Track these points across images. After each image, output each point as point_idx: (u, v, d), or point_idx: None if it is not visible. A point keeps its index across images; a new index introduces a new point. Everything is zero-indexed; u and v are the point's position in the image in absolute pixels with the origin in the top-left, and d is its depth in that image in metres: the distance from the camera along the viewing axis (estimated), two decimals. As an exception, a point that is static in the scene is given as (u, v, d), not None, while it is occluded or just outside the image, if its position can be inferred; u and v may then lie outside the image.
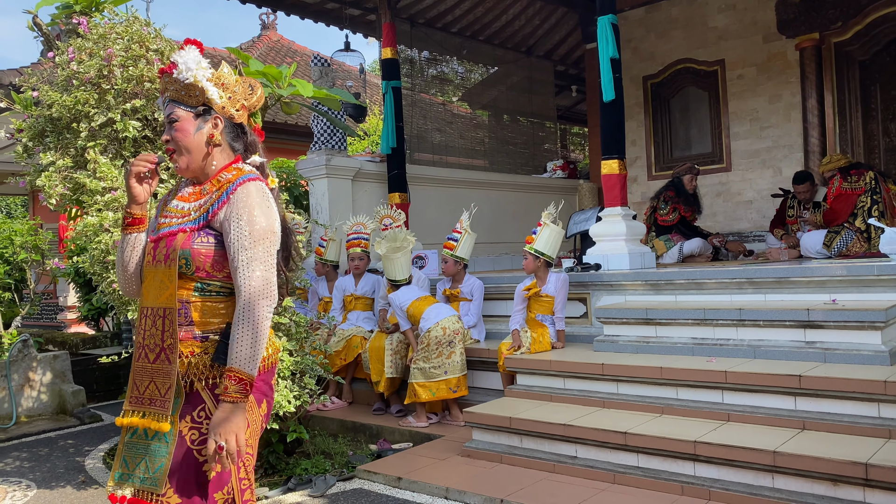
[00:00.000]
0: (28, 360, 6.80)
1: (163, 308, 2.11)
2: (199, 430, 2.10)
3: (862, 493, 3.22)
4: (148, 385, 2.13)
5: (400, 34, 8.74)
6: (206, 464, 2.07)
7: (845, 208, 6.15)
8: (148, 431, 2.10)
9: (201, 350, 2.11)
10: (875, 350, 3.97)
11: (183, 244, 2.11)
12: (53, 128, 4.66)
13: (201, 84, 2.17)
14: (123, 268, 2.28)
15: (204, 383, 2.12)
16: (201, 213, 2.15)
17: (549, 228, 5.32)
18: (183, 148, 2.18)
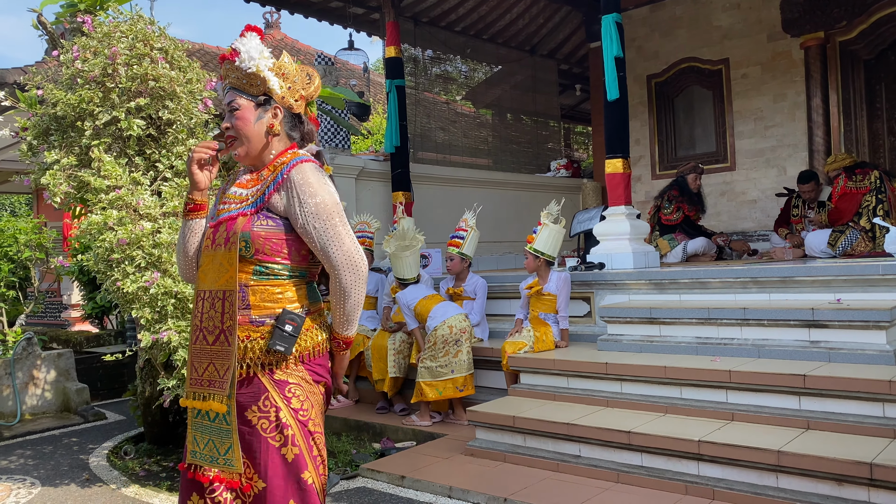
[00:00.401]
0: (32, 358, 6.81)
1: (222, 290, 2.14)
2: (267, 418, 2.14)
3: (867, 492, 3.21)
4: (207, 367, 2.17)
5: (404, 33, 8.74)
6: (284, 448, 2.13)
7: (850, 207, 6.13)
8: (210, 413, 2.15)
9: (257, 335, 2.14)
10: (880, 350, 3.96)
11: (243, 227, 2.14)
12: (58, 126, 4.67)
13: (263, 74, 2.20)
14: (184, 253, 2.33)
15: (261, 368, 2.15)
16: (258, 196, 2.19)
17: (549, 228, 5.32)
18: (243, 136, 2.22)
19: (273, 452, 2.13)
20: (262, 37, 2.25)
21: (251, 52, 2.19)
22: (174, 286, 3.94)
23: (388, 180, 7.95)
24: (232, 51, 2.21)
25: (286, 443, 2.13)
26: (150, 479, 4.68)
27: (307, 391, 2.19)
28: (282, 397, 2.15)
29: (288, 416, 2.14)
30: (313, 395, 2.21)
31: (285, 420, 2.14)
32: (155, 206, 4.25)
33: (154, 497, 4.32)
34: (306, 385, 2.19)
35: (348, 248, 2.14)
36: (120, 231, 4.03)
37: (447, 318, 5.38)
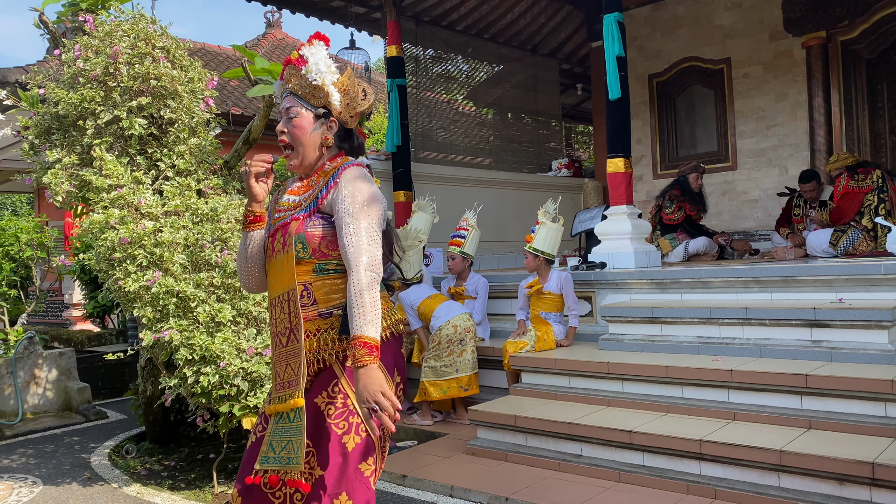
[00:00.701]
0: (34, 357, 6.82)
1: (286, 291, 2.20)
2: (333, 404, 2.18)
3: (868, 492, 3.21)
4: (285, 369, 2.21)
5: (405, 32, 8.73)
6: (346, 435, 2.14)
7: (852, 206, 6.12)
8: (290, 414, 2.16)
9: (327, 326, 2.20)
10: (882, 349, 3.96)
11: (297, 229, 2.20)
12: (59, 125, 4.67)
13: (327, 88, 2.25)
14: (245, 263, 2.38)
15: (335, 357, 2.20)
16: (310, 201, 2.25)
17: (547, 226, 5.32)
18: (299, 144, 2.28)
19: (335, 440, 2.15)
20: (328, 45, 2.31)
21: (319, 65, 2.24)
22: (175, 285, 3.95)
23: (389, 179, 7.94)
24: (299, 57, 2.25)
25: (349, 430, 2.15)
26: (152, 478, 4.68)
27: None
28: (350, 385, 2.17)
29: (356, 405, 2.15)
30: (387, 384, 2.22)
31: (352, 407, 2.16)
32: (156, 205, 4.26)
33: (156, 496, 4.32)
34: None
35: (368, 250, 2.12)
36: (121, 230, 4.03)
37: (452, 317, 5.37)
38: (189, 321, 3.97)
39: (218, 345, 3.82)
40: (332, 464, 2.13)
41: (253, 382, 3.89)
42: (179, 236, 4.09)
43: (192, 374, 3.88)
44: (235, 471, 4.67)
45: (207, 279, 4.03)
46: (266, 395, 3.81)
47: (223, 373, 3.81)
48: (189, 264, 4.10)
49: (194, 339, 3.85)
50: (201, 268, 4.14)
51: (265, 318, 4.11)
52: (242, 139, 5.09)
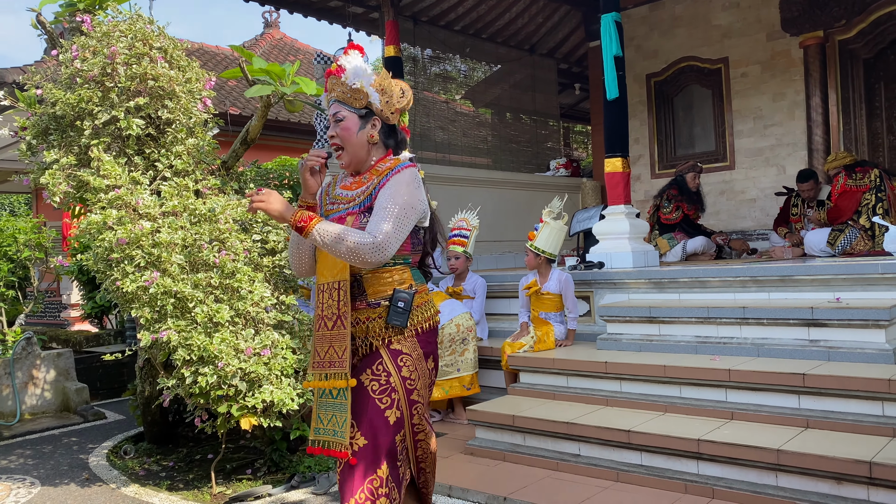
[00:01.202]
0: (32, 357, 6.81)
1: (337, 281, 2.43)
2: (378, 381, 2.43)
3: (866, 491, 3.21)
4: (327, 350, 2.45)
5: (403, 32, 8.73)
6: (388, 410, 2.41)
7: (850, 205, 6.13)
8: (333, 391, 2.42)
9: (375, 315, 2.45)
10: (879, 348, 3.96)
11: (353, 224, 2.44)
12: (57, 126, 4.66)
13: (366, 90, 2.50)
14: (297, 250, 2.58)
15: (381, 342, 2.46)
16: (365, 197, 2.48)
17: (550, 226, 5.31)
18: (347, 144, 2.52)
19: (378, 413, 2.40)
20: (363, 54, 2.57)
21: (357, 71, 2.50)
22: (173, 285, 3.94)
23: (387, 179, 7.91)
24: (338, 67, 2.52)
25: (391, 405, 2.42)
26: (150, 479, 4.68)
27: (416, 363, 2.47)
28: (394, 365, 2.44)
29: (397, 382, 2.43)
30: (421, 367, 2.49)
31: (394, 384, 2.43)
32: (154, 206, 4.25)
33: (154, 496, 4.32)
34: (416, 356, 2.48)
35: (385, 230, 2.32)
36: (119, 230, 4.03)
37: (454, 316, 5.38)
38: (187, 321, 3.97)
39: (216, 345, 3.82)
40: (374, 435, 2.38)
41: (251, 383, 3.89)
42: (177, 237, 4.08)
43: (190, 374, 3.88)
44: (234, 471, 4.67)
45: (205, 279, 4.03)
46: (265, 393, 3.84)
47: (221, 373, 3.81)
48: (187, 265, 4.10)
49: (192, 340, 3.85)
50: (199, 268, 4.13)
51: (263, 318, 4.11)
52: (240, 139, 5.08)
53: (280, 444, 4.61)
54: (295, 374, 4.10)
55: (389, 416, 2.40)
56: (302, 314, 4.39)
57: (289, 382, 3.98)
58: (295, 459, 4.67)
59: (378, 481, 2.37)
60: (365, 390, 2.42)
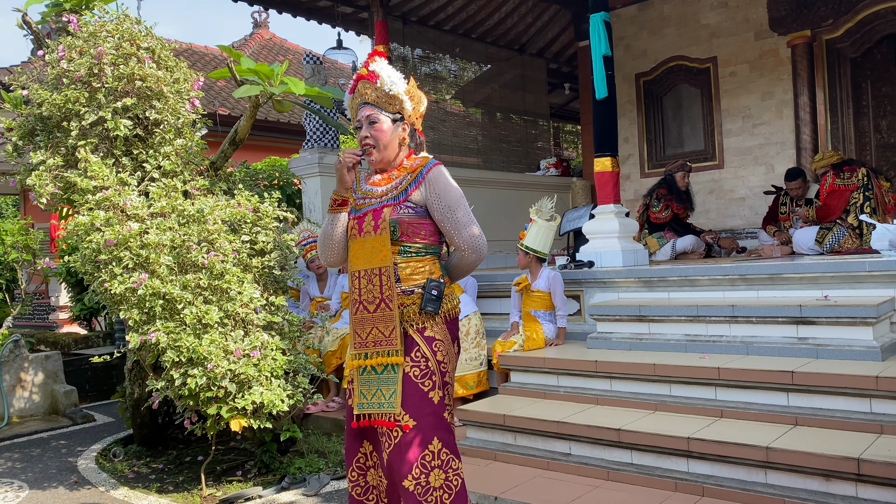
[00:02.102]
0: (19, 360, 6.76)
1: (378, 268, 2.65)
2: (419, 367, 2.63)
3: (854, 488, 3.23)
4: (370, 331, 2.66)
5: (392, 32, 8.73)
6: (431, 391, 2.62)
7: (839, 204, 6.17)
8: (377, 367, 2.64)
9: (409, 301, 2.65)
10: (867, 346, 3.99)
11: (391, 215, 2.65)
12: (44, 126, 4.63)
13: (401, 97, 2.73)
14: (331, 240, 2.80)
15: (415, 328, 2.65)
16: (400, 191, 2.71)
17: (538, 224, 5.32)
18: (381, 145, 2.72)
19: (422, 395, 2.60)
20: (386, 59, 2.78)
21: (392, 78, 2.71)
22: (162, 287, 3.92)
23: (377, 180, 7.91)
24: (370, 72, 2.71)
25: (433, 387, 2.62)
26: (140, 481, 4.66)
27: (447, 347, 2.69)
28: (430, 350, 2.64)
29: (434, 366, 2.64)
30: (450, 351, 2.71)
31: (433, 368, 2.63)
32: (142, 207, 4.23)
33: (143, 499, 4.30)
34: (447, 341, 2.70)
35: (472, 232, 2.72)
36: (107, 232, 4.00)
37: (474, 310, 5.43)
38: (176, 323, 3.95)
39: (205, 347, 3.80)
40: (422, 414, 2.58)
41: (241, 384, 3.88)
42: (166, 238, 4.06)
43: (179, 376, 3.86)
44: (224, 473, 4.65)
45: (194, 281, 4.01)
46: (255, 394, 3.83)
47: (210, 375, 3.79)
48: (175, 266, 4.08)
49: (181, 341, 3.83)
50: (188, 269, 4.11)
51: (252, 319, 4.09)
52: (229, 140, 5.06)
53: (270, 445, 4.59)
54: (285, 375, 4.09)
55: (433, 397, 2.61)
56: (292, 315, 4.37)
57: (279, 384, 3.96)
58: (285, 461, 4.66)
59: (430, 455, 2.57)
60: (408, 376, 2.60)
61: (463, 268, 2.83)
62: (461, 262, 2.80)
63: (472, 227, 2.74)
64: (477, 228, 2.76)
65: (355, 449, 2.78)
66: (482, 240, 2.77)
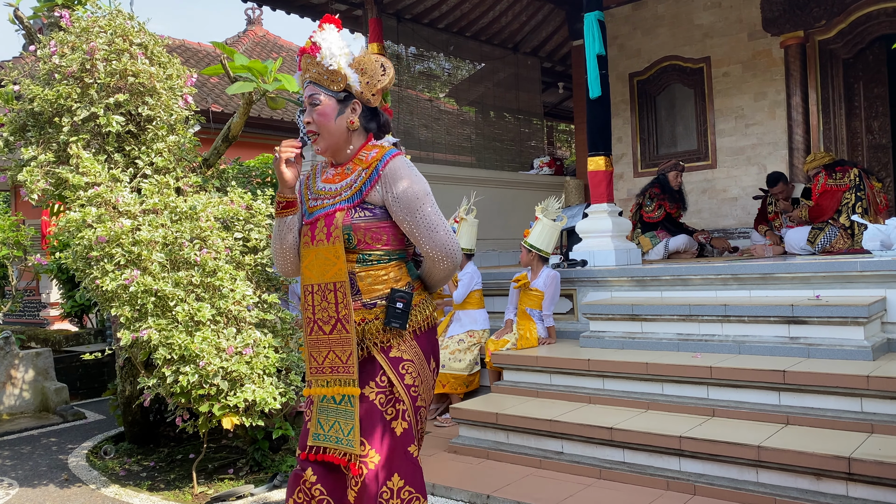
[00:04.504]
0: (10, 357, 6.72)
1: (332, 282, 2.27)
2: (384, 393, 2.29)
3: (845, 486, 3.25)
4: (327, 355, 2.31)
5: (386, 30, 8.71)
6: (394, 421, 2.28)
7: (831, 204, 6.20)
8: (336, 397, 2.28)
9: (371, 316, 2.29)
10: (858, 345, 4.01)
11: (344, 221, 2.26)
12: (35, 122, 4.61)
13: (344, 71, 2.28)
14: (281, 249, 2.43)
15: (378, 347, 2.30)
16: (355, 192, 2.30)
17: (542, 223, 5.34)
18: (325, 131, 2.32)
19: (385, 425, 2.28)
20: (339, 28, 2.31)
21: (332, 49, 2.26)
22: (154, 284, 3.91)
23: (370, 177, 7.90)
24: (312, 45, 2.27)
25: (397, 416, 2.29)
26: (131, 479, 4.64)
27: (419, 367, 2.33)
28: (396, 374, 2.29)
29: (401, 392, 2.29)
30: (423, 372, 2.35)
31: (399, 395, 2.29)
32: (134, 204, 4.21)
33: (134, 497, 4.28)
34: (418, 361, 2.34)
35: (440, 236, 2.29)
36: (99, 228, 3.98)
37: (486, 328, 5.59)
38: (168, 320, 3.93)
39: (197, 344, 3.79)
40: (384, 448, 2.27)
41: (233, 382, 3.86)
42: (158, 235, 4.05)
43: (171, 373, 3.84)
44: (215, 471, 4.64)
45: (186, 278, 4.00)
46: (247, 392, 3.81)
47: (202, 372, 3.78)
48: (168, 263, 4.06)
49: (173, 339, 3.81)
50: (180, 266, 4.10)
51: (245, 317, 4.08)
52: (222, 136, 5.05)
53: (262, 443, 4.58)
54: (277, 373, 4.08)
55: (396, 428, 2.29)
56: (284, 312, 4.36)
57: (271, 381, 3.95)
58: (277, 459, 4.65)
59: (388, 493, 2.27)
60: (372, 404, 2.28)
61: (436, 278, 2.40)
62: (432, 271, 2.37)
63: (440, 229, 2.29)
64: (446, 229, 2.31)
65: (299, 474, 2.39)
66: (453, 243, 2.33)
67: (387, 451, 2.27)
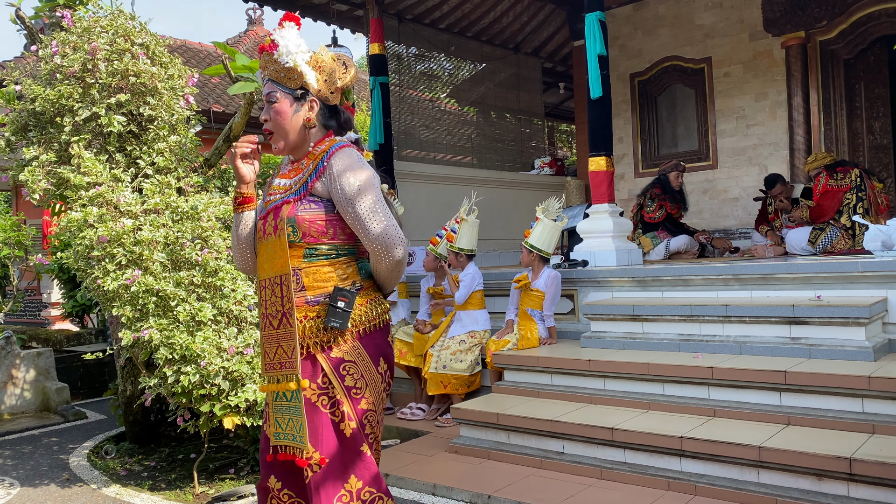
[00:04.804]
0: (11, 357, 6.73)
1: (279, 276, 2.24)
2: (326, 394, 2.24)
3: (846, 487, 3.25)
4: (276, 350, 2.27)
5: (387, 30, 8.71)
6: (342, 423, 2.23)
7: (832, 205, 6.19)
8: (287, 394, 2.24)
9: (313, 314, 2.24)
10: (859, 346, 4.00)
11: (288, 213, 2.23)
12: (37, 122, 4.61)
13: (301, 69, 2.26)
14: (238, 245, 2.43)
15: (319, 347, 2.24)
16: (301, 184, 2.28)
17: (543, 223, 5.34)
18: (281, 129, 2.30)
19: (332, 428, 2.23)
20: (299, 27, 2.31)
21: (289, 46, 2.25)
22: (155, 284, 3.91)
23: (371, 178, 7.91)
24: (271, 42, 2.27)
25: (343, 418, 2.23)
26: (132, 479, 4.64)
27: (362, 369, 2.27)
28: (336, 375, 2.23)
29: (341, 394, 2.23)
30: (369, 374, 2.28)
31: (339, 397, 2.23)
32: (136, 203, 4.22)
33: (135, 497, 4.28)
34: (362, 363, 2.27)
35: (379, 228, 2.21)
36: (100, 228, 3.99)
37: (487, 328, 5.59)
38: (169, 320, 3.94)
39: (198, 344, 3.79)
40: (335, 451, 2.22)
41: (234, 382, 3.87)
42: (159, 235, 4.05)
43: (172, 373, 3.84)
44: (216, 470, 4.64)
45: (187, 278, 4.00)
46: (248, 392, 3.82)
47: (204, 372, 3.78)
48: (169, 263, 4.06)
49: (174, 339, 3.82)
50: (181, 266, 4.10)
51: (246, 317, 4.08)
52: (223, 136, 5.05)
53: (263, 443, 4.58)
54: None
55: (344, 430, 2.23)
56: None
57: (272, 381, 3.95)
58: (278, 458, 4.64)
59: (348, 496, 2.22)
60: (315, 406, 2.23)
61: (382, 275, 2.31)
62: (376, 268, 2.29)
63: (379, 221, 2.21)
64: (386, 223, 2.22)
65: (265, 486, 2.36)
66: (395, 236, 2.23)
67: (337, 454, 2.23)
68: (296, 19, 2.31)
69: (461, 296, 5.55)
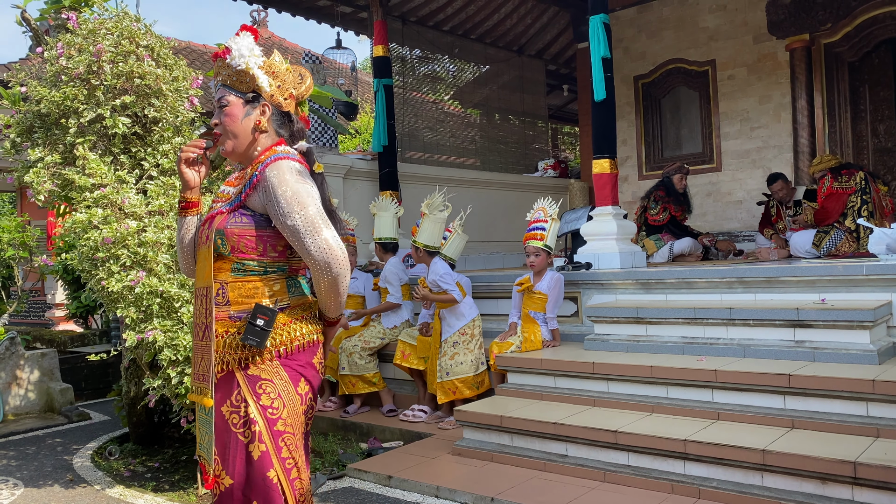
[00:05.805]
0: (15, 357, 6.74)
1: (205, 287, 2.20)
2: (238, 413, 2.16)
3: (850, 491, 3.24)
4: (200, 362, 2.23)
5: (392, 32, 8.73)
6: (251, 444, 2.14)
7: (837, 207, 6.18)
8: (206, 407, 2.20)
9: (234, 330, 2.18)
10: (864, 349, 3.99)
11: (219, 224, 2.19)
12: (42, 123, 4.63)
13: (252, 71, 2.23)
14: (181, 249, 2.39)
15: (237, 364, 2.17)
16: (235, 195, 2.25)
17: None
18: (230, 132, 2.26)
19: (241, 448, 2.15)
20: (256, 37, 2.29)
21: (242, 50, 2.22)
22: (159, 285, 3.92)
23: (375, 179, 7.93)
24: (224, 48, 2.25)
25: (253, 439, 2.14)
26: (135, 480, 4.65)
27: (280, 389, 2.17)
28: (251, 393, 2.15)
29: (256, 413, 2.14)
30: (287, 394, 2.18)
31: (253, 416, 2.14)
32: (140, 205, 4.22)
33: (139, 498, 4.29)
34: (280, 382, 2.17)
35: (316, 243, 2.12)
36: (105, 230, 4.00)
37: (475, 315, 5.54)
38: (173, 321, 3.94)
39: (202, 345, 3.79)
40: (240, 473, 2.15)
41: (238, 383, 3.87)
42: (164, 236, 4.06)
43: (176, 374, 3.85)
44: (220, 472, 4.64)
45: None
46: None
47: (207, 373, 3.78)
48: (173, 264, 4.07)
49: (178, 340, 3.82)
50: (185, 268, 4.10)
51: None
52: (227, 138, 5.05)
53: (267, 444, 4.58)
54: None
55: (253, 452, 2.13)
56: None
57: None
58: (282, 460, 4.64)
59: None
60: (226, 423, 2.16)
61: (321, 294, 2.21)
62: (317, 286, 2.19)
63: (316, 235, 2.11)
64: (324, 237, 2.12)
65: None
66: (333, 252, 2.13)
67: (242, 476, 2.14)
68: (253, 30, 2.31)
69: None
